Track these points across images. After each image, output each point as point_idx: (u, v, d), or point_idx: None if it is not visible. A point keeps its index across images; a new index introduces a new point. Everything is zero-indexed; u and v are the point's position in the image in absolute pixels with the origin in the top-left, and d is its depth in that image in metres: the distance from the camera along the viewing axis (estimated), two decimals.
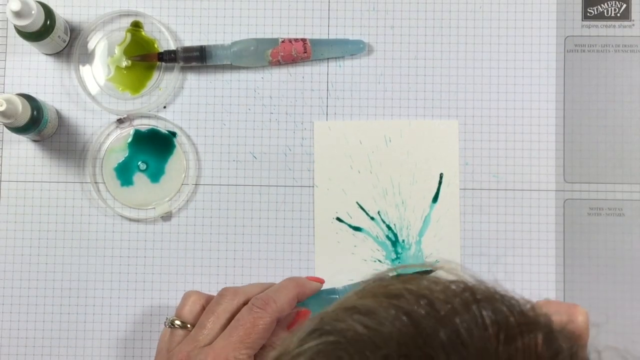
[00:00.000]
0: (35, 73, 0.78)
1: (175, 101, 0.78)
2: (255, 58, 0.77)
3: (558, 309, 0.43)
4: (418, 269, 0.72)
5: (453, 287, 0.37)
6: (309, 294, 0.67)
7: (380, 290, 0.37)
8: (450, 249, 0.77)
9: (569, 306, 0.44)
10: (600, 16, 0.78)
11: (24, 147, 0.78)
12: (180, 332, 0.64)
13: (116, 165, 0.78)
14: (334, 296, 0.68)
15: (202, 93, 0.78)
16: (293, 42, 0.77)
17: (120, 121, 0.78)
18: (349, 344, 0.35)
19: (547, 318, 0.36)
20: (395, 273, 0.40)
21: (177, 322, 0.65)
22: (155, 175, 0.78)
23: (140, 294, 0.77)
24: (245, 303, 0.64)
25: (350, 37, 0.78)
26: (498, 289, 0.37)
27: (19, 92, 0.74)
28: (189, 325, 0.64)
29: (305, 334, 0.37)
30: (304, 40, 0.77)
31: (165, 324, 0.66)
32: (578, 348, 0.35)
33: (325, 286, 0.72)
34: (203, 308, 0.65)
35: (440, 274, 0.39)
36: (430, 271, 0.60)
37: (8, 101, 0.68)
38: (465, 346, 0.33)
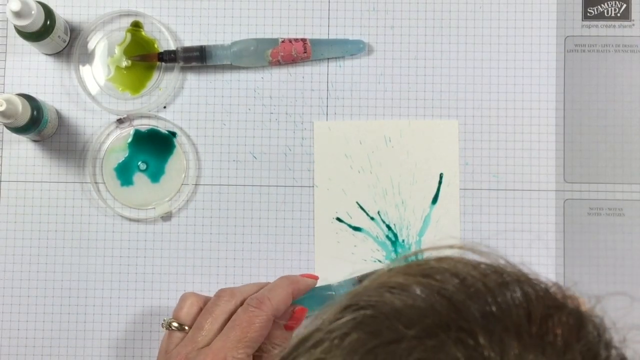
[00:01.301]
0: (35, 73, 0.78)
1: (175, 101, 0.78)
2: (255, 58, 0.77)
3: None
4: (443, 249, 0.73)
5: (483, 266, 0.38)
6: (303, 291, 0.67)
7: (412, 269, 0.38)
8: (450, 249, 0.77)
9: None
10: (600, 16, 0.78)
11: (24, 147, 0.78)
12: (178, 334, 0.64)
13: (116, 165, 0.78)
14: (329, 292, 0.69)
15: (202, 93, 0.78)
16: (293, 42, 0.77)
17: (120, 121, 0.78)
18: (387, 318, 0.35)
19: (575, 301, 0.37)
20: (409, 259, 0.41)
21: (175, 324, 0.64)
22: (155, 175, 0.78)
23: (140, 294, 0.77)
24: (242, 303, 0.64)
25: (350, 37, 0.78)
26: (525, 270, 0.38)
27: (19, 92, 0.74)
28: (186, 327, 0.64)
29: (338, 310, 0.37)
30: (304, 40, 0.77)
31: (162, 326, 0.66)
32: (604, 330, 0.36)
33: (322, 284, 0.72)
34: (200, 310, 0.65)
35: (470, 255, 0.40)
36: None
37: (8, 101, 0.68)
38: (499, 321, 0.34)
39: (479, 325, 0.34)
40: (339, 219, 0.77)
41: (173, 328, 0.64)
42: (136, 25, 0.79)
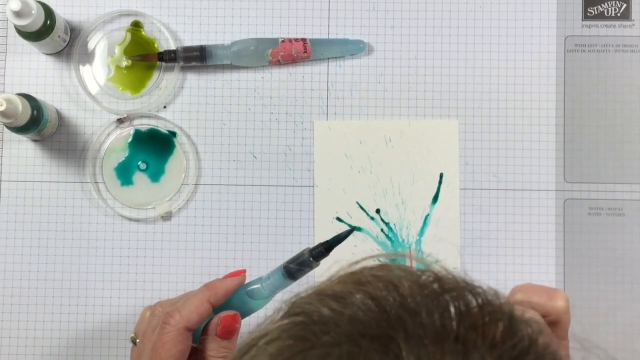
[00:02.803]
0: (35, 73, 0.78)
1: (175, 101, 0.78)
2: (255, 58, 0.77)
3: (538, 292, 0.43)
4: (395, 258, 0.73)
5: (423, 277, 0.37)
6: (224, 294, 0.63)
7: (350, 277, 0.39)
8: (450, 249, 0.77)
9: (550, 289, 0.44)
10: (600, 16, 0.78)
11: (24, 147, 0.78)
12: (135, 349, 0.64)
13: (116, 165, 0.78)
14: (256, 286, 0.65)
15: (202, 93, 0.78)
16: (293, 42, 0.77)
17: (120, 121, 0.78)
18: (314, 324, 0.36)
19: (510, 306, 0.37)
20: (375, 261, 0.42)
21: (137, 340, 0.64)
22: (155, 175, 0.78)
23: (140, 294, 0.77)
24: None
25: (350, 37, 0.78)
26: (465, 278, 0.38)
27: (19, 92, 0.74)
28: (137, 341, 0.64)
29: (278, 316, 0.38)
30: (304, 40, 0.77)
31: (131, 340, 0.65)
32: (539, 335, 0.36)
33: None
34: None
35: (413, 264, 0.40)
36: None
37: (8, 101, 0.68)
38: (426, 329, 0.34)
39: (405, 333, 0.34)
40: (339, 219, 0.77)
41: (135, 343, 0.64)
42: (136, 25, 0.79)
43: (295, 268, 0.63)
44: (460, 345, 0.34)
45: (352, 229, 0.66)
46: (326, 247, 0.62)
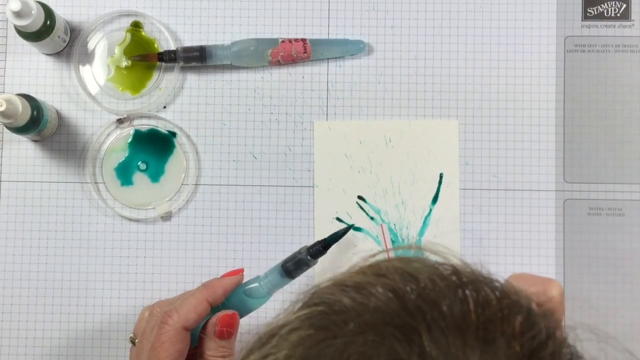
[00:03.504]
0: (35, 73, 0.78)
1: (175, 101, 0.78)
2: (255, 58, 0.77)
3: (533, 281, 0.44)
4: (407, 251, 0.73)
5: (441, 269, 0.38)
6: (222, 293, 0.63)
7: (370, 269, 0.39)
8: (450, 249, 0.77)
9: (544, 279, 0.45)
10: (600, 16, 0.78)
11: (24, 147, 0.78)
12: (133, 349, 0.64)
13: (116, 165, 0.78)
14: (254, 284, 0.65)
15: (202, 93, 0.78)
16: (293, 42, 0.77)
17: (120, 121, 0.78)
18: (335, 314, 0.36)
19: (528, 300, 0.37)
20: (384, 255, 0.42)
21: (136, 340, 0.64)
22: (155, 175, 0.78)
23: (140, 294, 0.77)
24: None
25: (350, 37, 0.78)
26: (483, 271, 0.38)
27: (19, 92, 0.74)
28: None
29: (297, 307, 0.38)
30: (304, 40, 0.77)
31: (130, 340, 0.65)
32: (556, 329, 0.36)
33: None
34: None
35: (430, 256, 0.40)
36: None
37: (8, 101, 0.68)
38: (447, 321, 0.35)
39: (426, 323, 0.34)
40: (339, 219, 0.77)
41: (134, 343, 0.64)
42: (136, 25, 0.79)
43: (292, 266, 0.63)
44: (482, 335, 0.34)
45: (349, 227, 0.66)
46: (323, 245, 0.62)
